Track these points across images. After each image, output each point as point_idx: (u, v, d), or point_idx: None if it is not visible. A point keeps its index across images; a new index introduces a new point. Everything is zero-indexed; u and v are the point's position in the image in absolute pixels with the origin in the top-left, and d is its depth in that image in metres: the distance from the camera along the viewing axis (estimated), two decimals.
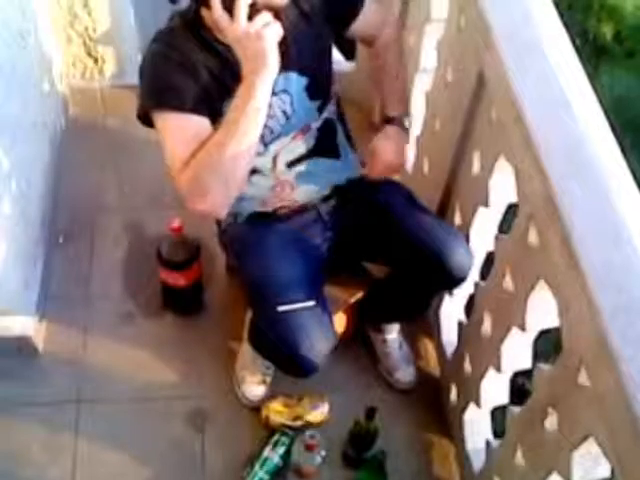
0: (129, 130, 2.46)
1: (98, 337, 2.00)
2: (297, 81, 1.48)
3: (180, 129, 1.38)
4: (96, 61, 2.45)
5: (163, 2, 1.42)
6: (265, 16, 1.24)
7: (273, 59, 1.26)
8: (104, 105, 2.53)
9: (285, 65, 1.37)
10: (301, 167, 1.59)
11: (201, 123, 1.38)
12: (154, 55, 1.42)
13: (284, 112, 1.49)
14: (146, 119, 1.43)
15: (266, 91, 1.30)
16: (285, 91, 1.47)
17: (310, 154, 1.59)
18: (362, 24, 1.57)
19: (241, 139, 1.31)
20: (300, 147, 1.57)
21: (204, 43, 1.40)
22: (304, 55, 1.46)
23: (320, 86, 1.53)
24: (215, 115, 1.40)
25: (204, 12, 1.37)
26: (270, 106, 1.38)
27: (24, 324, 1.92)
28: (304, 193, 1.63)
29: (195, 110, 1.37)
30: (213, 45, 1.40)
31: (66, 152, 2.38)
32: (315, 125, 1.56)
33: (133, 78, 2.48)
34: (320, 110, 1.55)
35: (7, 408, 1.85)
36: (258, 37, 1.24)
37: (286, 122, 1.51)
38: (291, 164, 1.58)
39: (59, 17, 2.31)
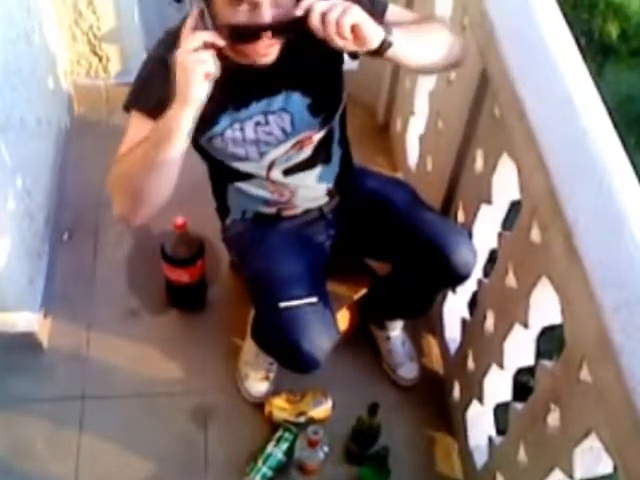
0: None
1: (102, 333, 2.01)
2: (299, 101, 1.42)
3: (137, 131, 1.30)
4: (101, 59, 2.46)
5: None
6: (203, 54, 1.14)
7: (193, 96, 1.15)
8: (109, 103, 2.53)
9: (287, 86, 1.38)
10: (297, 176, 1.56)
11: None
12: (150, 57, 1.36)
13: (283, 129, 1.44)
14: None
15: (184, 126, 1.18)
16: (284, 109, 1.42)
17: (307, 163, 1.55)
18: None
19: (149, 164, 1.23)
20: (298, 156, 1.52)
21: None
22: (309, 76, 1.40)
23: (326, 103, 1.48)
24: (206, 124, 1.34)
25: None
26: (268, 123, 1.39)
27: (29, 320, 1.93)
28: (304, 199, 1.62)
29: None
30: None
31: (71, 150, 2.39)
32: (317, 136, 1.50)
33: None
34: (325, 122, 1.49)
35: (11, 404, 1.86)
36: (183, 69, 1.14)
37: (285, 138, 1.46)
38: (287, 172, 1.54)
39: (64, 15, 2.31)
